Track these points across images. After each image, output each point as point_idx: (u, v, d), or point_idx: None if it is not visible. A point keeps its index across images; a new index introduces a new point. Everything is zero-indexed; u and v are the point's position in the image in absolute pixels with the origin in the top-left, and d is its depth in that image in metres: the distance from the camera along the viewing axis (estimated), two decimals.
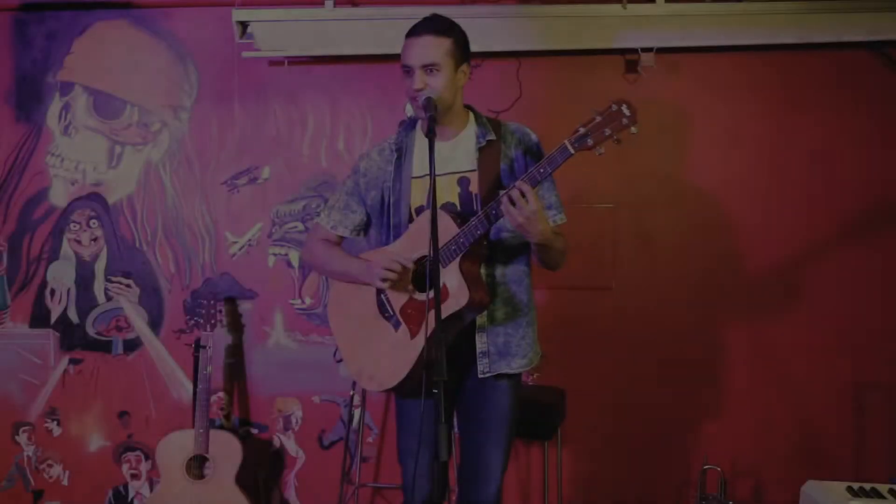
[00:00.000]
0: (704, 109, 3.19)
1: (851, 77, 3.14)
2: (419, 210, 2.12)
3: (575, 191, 3.19)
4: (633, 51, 3.11)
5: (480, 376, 2.11)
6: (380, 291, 2.14)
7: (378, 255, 2.12)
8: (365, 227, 2.28)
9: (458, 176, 2.11)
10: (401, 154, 2.16)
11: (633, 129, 1.88)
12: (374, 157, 2.22)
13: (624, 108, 1.86)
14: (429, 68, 2.02)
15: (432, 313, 1.71)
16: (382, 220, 2.20)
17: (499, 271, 2.12)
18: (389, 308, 2.12)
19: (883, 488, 2.30)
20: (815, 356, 3.16)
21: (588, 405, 3.19)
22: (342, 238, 2.27)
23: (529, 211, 1.88)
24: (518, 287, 2.15)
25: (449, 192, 2.10)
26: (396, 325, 2.11)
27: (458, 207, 2.10)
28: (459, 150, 2.12)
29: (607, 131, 1.87)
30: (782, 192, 3.17)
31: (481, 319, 2.10)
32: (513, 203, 1.88)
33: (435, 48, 2.02)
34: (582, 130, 1.89)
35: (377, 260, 2.08)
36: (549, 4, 3.11)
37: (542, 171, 1.91)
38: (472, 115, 2.17)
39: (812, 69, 3.14)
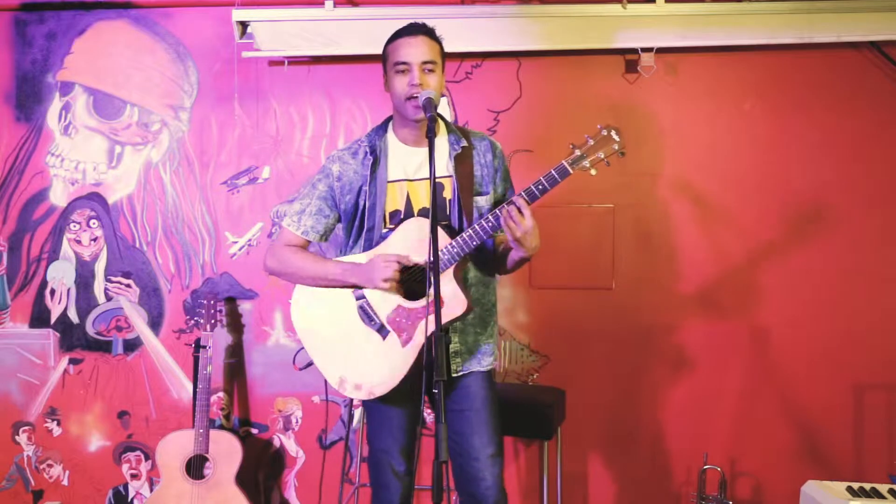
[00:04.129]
0: (704, 109, 3.19)
1: (851, 77, 3.14)
2: (393, 215, 2.13)
3: (575, 191, 3.19)
4: (633, 51, 3.11)
5: (454, 375, 2.15)
6: (359, 299, 2.13)
7: (374, 257, 2.09)
8: (332, 231, 2.28)
9: None
10: (376, 157, 2.16)
11: (621, 153, 2.02)
12: (348, 159, 2.20)
13: (613, 133, 2.00)
14: (427, 66, 2.04)
15: (431, 318, 1.72)
16: (353, 224, 2.19)
17: (471, 274, 2.17)
18: (374, 316, 2.11)
19: (883, 488, 2.30)
20: (814, 356, 3.16)
21: (588, 405, 3.19)
22: (308, 243, 2.25)
23: (527, 226, 1.96)
24: (486, 289, 2.21)
25: (424, 197, 2.12)
26: (384, 334, 2.11)
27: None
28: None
29: (601, 154, 2.00)
30: (782, 191, 3.17)
31: None
32: (511, 218, 1.95)
33: (431, 47, 2.07)
34: (578, 153, 2.00)
35: (376, 262, 2.06)
36: (549, 4, 3.11)
37: (539, 188, 1.99)
38: (442, 123, 2.19)
39: (812, 69, 3.14)
